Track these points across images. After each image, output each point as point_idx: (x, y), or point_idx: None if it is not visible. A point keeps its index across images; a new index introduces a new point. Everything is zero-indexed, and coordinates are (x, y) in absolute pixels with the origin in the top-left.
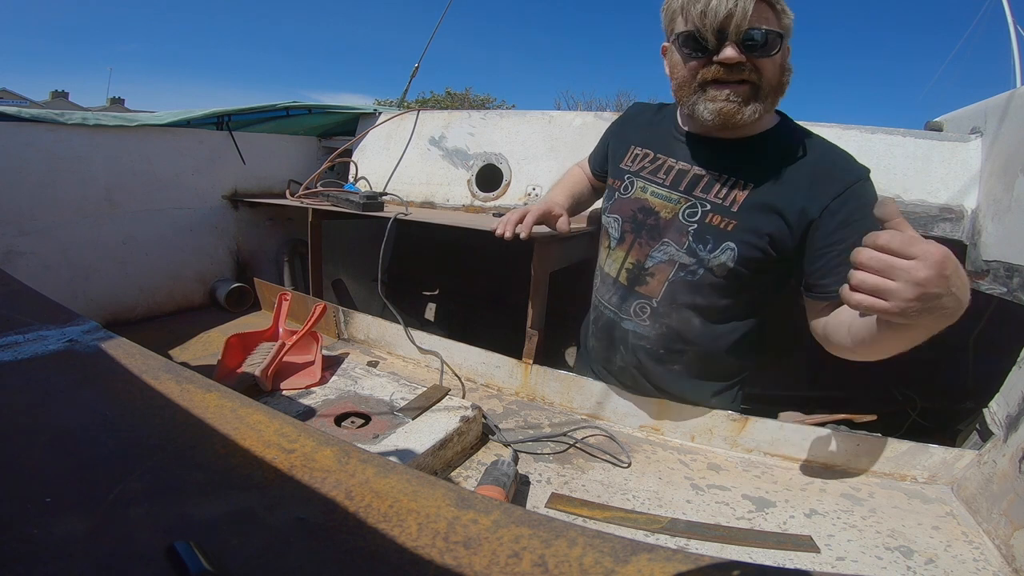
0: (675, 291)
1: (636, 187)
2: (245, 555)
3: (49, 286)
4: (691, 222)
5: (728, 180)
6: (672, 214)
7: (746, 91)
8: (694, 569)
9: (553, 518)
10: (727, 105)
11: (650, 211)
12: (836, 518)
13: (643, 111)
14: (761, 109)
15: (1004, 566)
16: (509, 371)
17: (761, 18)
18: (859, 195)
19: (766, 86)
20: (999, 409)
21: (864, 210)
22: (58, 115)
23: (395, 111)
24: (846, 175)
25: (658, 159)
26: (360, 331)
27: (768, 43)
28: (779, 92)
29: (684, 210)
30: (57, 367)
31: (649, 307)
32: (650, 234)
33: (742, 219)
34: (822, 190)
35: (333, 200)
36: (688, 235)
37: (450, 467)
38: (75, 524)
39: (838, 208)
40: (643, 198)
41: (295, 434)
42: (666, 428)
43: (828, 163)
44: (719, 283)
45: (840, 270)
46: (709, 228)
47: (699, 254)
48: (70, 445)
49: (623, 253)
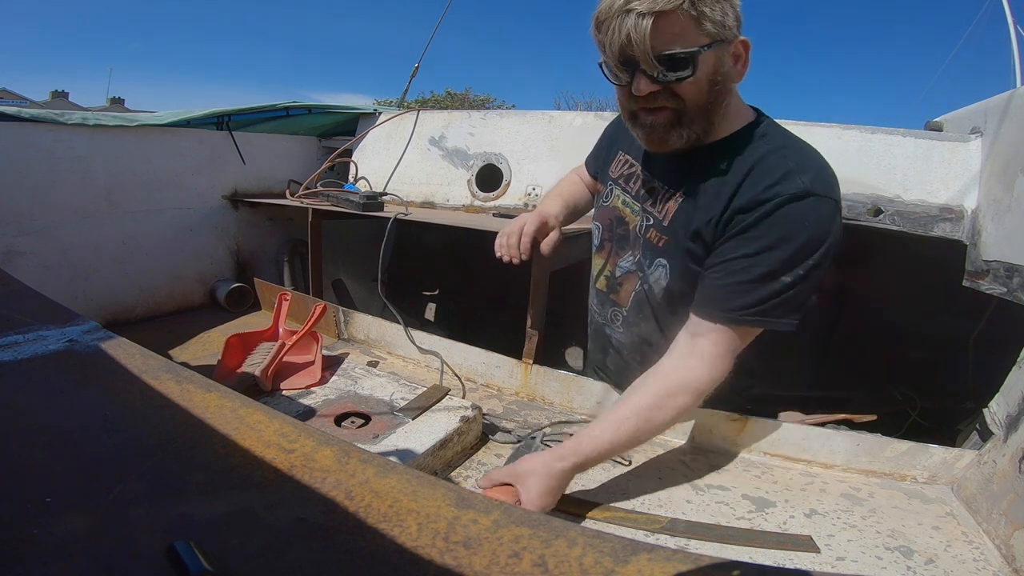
0: (639, 302)
1: (614, 195)
2: (245, 555)
3: (49, 286)
4: (642, 236)
5: (666, 192)
6: (634, 225)
7: (667, 118)
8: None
9: (553, 518)
10: (652, 133)
11: (621, 220)
12: (836, 518)
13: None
14: (690, 133)
15: (1004, 566)
16: (509, 371)
17: (669, 37)
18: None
19: (691, 109)
20: (999, 409)
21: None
22: (58, 115)
23: (395, 111)
24: (775, 183)
25: (633, 166)
26: (360, 331)
27: (681, 66)
28: (713, 107)
29: (640, 222)
30: (57, 367)
31: (621, 315)
32: (619, 244)
33: (671, 234)
34: (742, 195)
35: (333, 200)
36: (639, 248)
37: (450, 467)
38: (75, 524)
39: (739, 222)
40: (617, 207)
41: (295, 434)
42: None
43: (765, 167)
44: (659, 301)
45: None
46: (648, 244)
47: (644, 269)
48: (70, 445)
49: (602, 261)
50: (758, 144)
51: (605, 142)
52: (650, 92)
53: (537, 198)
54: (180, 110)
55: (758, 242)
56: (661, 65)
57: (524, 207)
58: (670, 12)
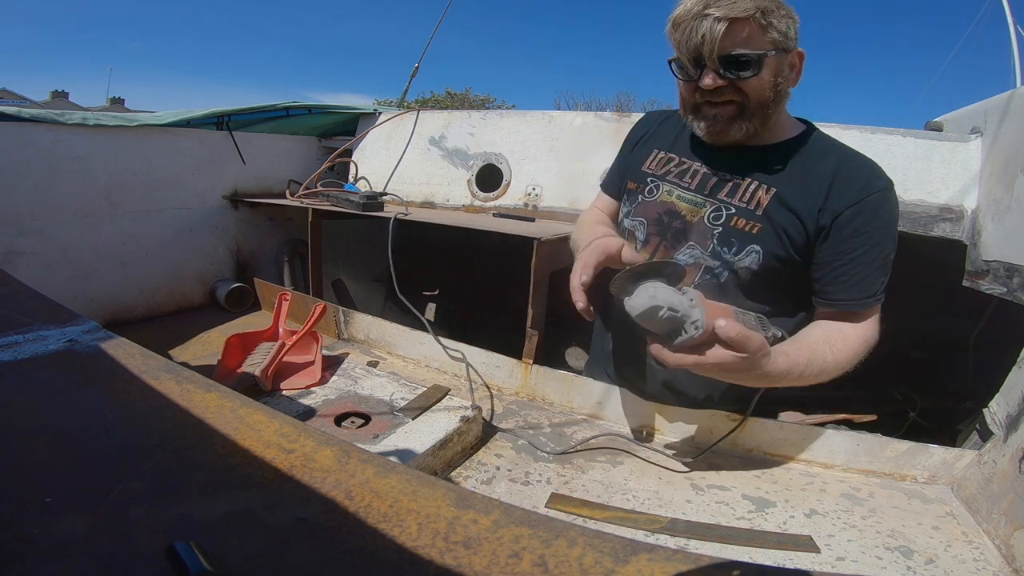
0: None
1: (661, 190)
2: (245, 555)
3: (49, 286)
4: (716, 225)
5: (751, 184)
6: (697, 217)
7: (731, 111)
8: (694, 569)
9: (553, 518)
10: (713, 125)
11: (676, 214)
12: (836, 518)
13: (660, 118)
14: (749, 127)
15: (1004, 566)
16: (509, 371)
17: (738, 40)
18: (875, 207)
19: (752, 104)
20: (999, 409)
21: (876, 222)
22: (58, 115)
23: (395, 111)
24: (864, 185)
25: (683, 163)
26: (360, 331)
27: (747, 66)
28: (770, 107)
29: (709, 213)
30: (57, 367)
31: None
32: (675, 237)
33: (765, 222)
34: (838, 198)
35: (333, 200)
36: (713, 238)
37: (450, 467)
38: (75, 524)
39: (850, 218)
40: (669, 201)
41: (295, 434)
42: (666, 428)
43: (848, 171)
44: (744, 285)
45: (844, 279)
46: (734, 231)
47: (724, 257)
48: (70, 445)
49: (648, 256)
50: (827, 144)
51: (627, 149)
52: (717, 87)
53: (537, 198)
54: (180, 110)
55: (877, 233)
56: (730, 63)
57: (524, 207)
58: (743, 19)
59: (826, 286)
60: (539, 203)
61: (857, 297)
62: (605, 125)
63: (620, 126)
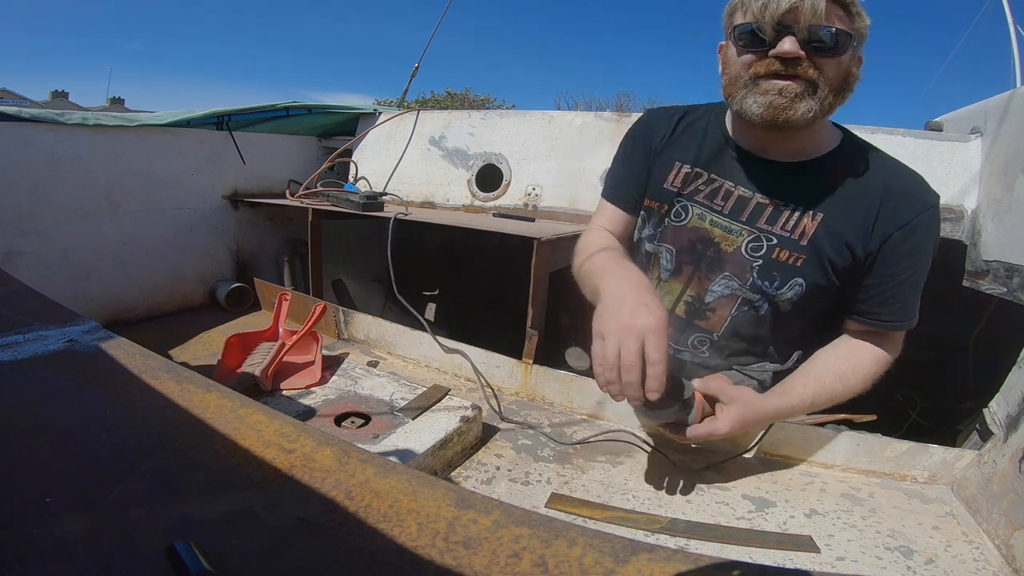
0: (737, 325)
1: (692, 214)
2: (245, 555)
3: (49, 286)
4: (755, 257)
5: (795, 210)
6: (734, 247)
7: (801, 85)
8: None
9: (553, 518)
10: (778, 99)
11: (709, 241)
12: (836, 518)
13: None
14: (816, 109)
15: (1004, 566)
16: (509, 371)
17: (831, 16)
18: (925, 225)
19: (825, 84)
20: (999, 409)
21: (927, 242)
22: (58, 115)
23: (395, 111)
24: (915, 203)
25: (713, 180)
26: (360, 331)
27: (835, 44)
28: (840, 96)
29: (747, 243)
30: (57, 367)
31: (709, 340)
32: (709, 267)
33: (811, 253)
34: (888, 220)
35: (333, 200)
36: (752, 271)
37: (450, 467)
38: (75, 524)
39: (902, 239)
40: (702, 227)
41: (295, 434)
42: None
43: (897, 189)
44: (783, 315)
45: (894, 302)
46: (776, 264)
47: (765, 290)
48: (70, 445)
49: (680, 286)
50: (870, 155)
51: (639, 154)
52: (797, 56)
53: (537, 198)
54: (180, 110)
55: (926, 254)
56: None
57: (524, 207)
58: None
59: (874, 307)
60: (539, 203)
61: (902, 318)
62: (605, 125)
63: (620, 126)
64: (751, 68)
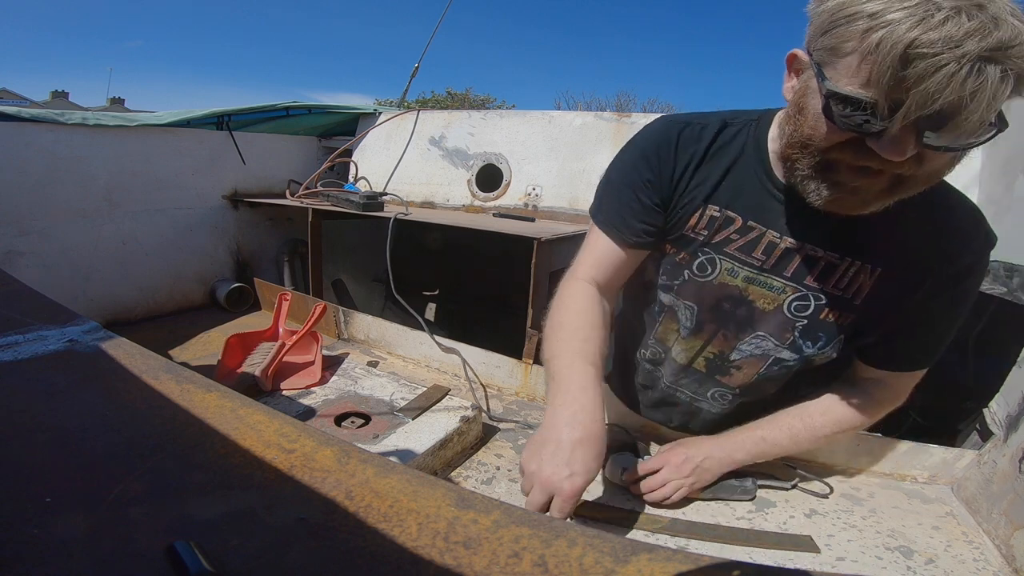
0: (764, 382)
1: (720, 268)
2: (245, 555)
3: (49, 286)
4: (800, 317)
5: (851, 264)
6: (774, 305)
7: (885, 183)
8: (694, 569)
9: (553, 518)
10: (852, 196)
11: (741, 300)
12: (836, 518)
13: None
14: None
15: (1004, 566)
16: (509, 371)
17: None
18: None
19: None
20: (999, 409)
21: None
22: (58, 115)
23: (395, 111)
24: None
25: (750, 229)
26: (360, 331)
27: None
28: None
29: (791, 302)
30: (57, 367)
31: (731, 395)
32: (739, 327)
33: (863, 312)
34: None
35: (333, 200)
36: (794, 331)
37: (450, 467)
38: (75, 524)
39: (946, 281)
40: (732, 284)
41: (295, 434)
42: (666, 428)
43: (954, 231)
44: (813, 371)
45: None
46: (822, 324)
47: (805, 351)
48: (70, 445)
49: (700, 343)
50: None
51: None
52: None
53: (537, 198)
54: (180, 110)
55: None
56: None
57: (524, 207)
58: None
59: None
60: (539, 203)
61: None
62: (605, 125)
63: (620, 126)
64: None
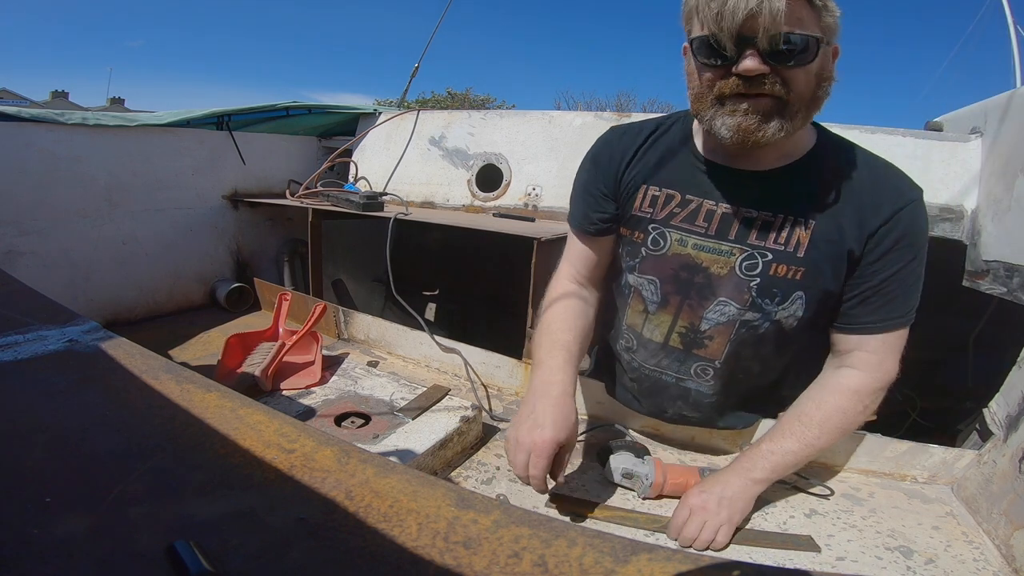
0: (739, 349)
1: (671, 240)
2: (245, 555)
3: (49, 286)
4: (752, 276)
5: (786, 220)
6: (726, 268)
7: (768, 105)
8: (694, 569)
9: (553, 518)
10: (746, 120)
11: (696, 268)
12: (836, 518)
13: (633, 141)
14: (788, 127)
15: (1004, 566)
16: (509, 371)
17: (794, 19)
18: (908, 220)
19: (796, 100)
20: (999, 409)
21: (909, 237)
22: (58, 115)
23: (395, 111)
24: (895, 199)
25: (688, 201)
26: (360, 331)
27: (802, 50)
28: (813, 107)
29: (740, 262)
30: (57, 367)
31: (712, 368)
32: (700, 293)
33: (809, 264)
34: (872, 215)
35: (333, 200)
36: (751, 291)
37: (450, 467)
38: (75, 524)
39: (885, 234)
40: (684, 253)
41: (295, 434)
42: (666, 428)
43: (878, 186)
44: (786, 333)
45: (875, 301)
46: (775, 280)
47: (765, 308)
48: (70, 445)
49: (669, 317)
50: (848, 152)
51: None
52: (760, 73)
53: (537, 198)
54: (180, 110)
55: (911, 249)
56: (782, 46)
57: (524, 207)
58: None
59: (853, 308)
60: (539, 203)
61: (891, 318)
62: (605, 125)
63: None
64: (715, 87)
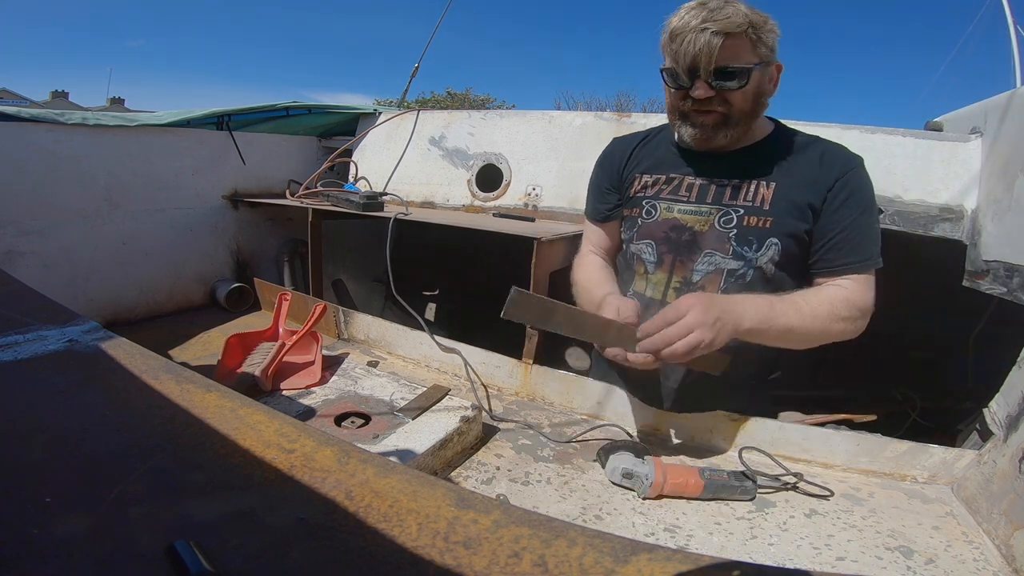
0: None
1: (660, 209)
2: (245, 555)
3: (49, 286)
4: (729, 228)
5: (751, 183)
6: (707, 226)
7: (716, 119)
8: (694, 569)
9: (553, 518)
10: (700, 132)
11: (683, 228)
12: (836, 518)
13: (631, 144)
14: (733, 134)
15: (1004, 566)
16: (509, 371)
17: (731, 55)
18: (855, 179)
19: (736, 114)
20: (999, 409)
21: (860, 192)
22: (58, 115)
23: (395, 111)
24: (846, 161)
25: (673, 178)
26: (360, 331)
27: (737, 78)
28: (753, 116)
29: (719, 219)
30: (57, 367)
31: None
32: (689, 249)
33: (776, 214)
34: (825, 176)
35: (333, 200)
36: (730, 240)
37: (450, 467)
38: (75, 524)
39: (839, 189)
40: (672, 217)
41: (295, 434)
42: (666, 428)
43: (827, 155)
44: (771, 280)
45: (843, 246)
46: (749, 230)
47: (746, 255)
48: (70, 445)
49: (665, 274)
50: (801, 135)
51: (605, 180)
52: (706, 97)
53: (537, 198)
54: (180, 110)
55: (861, 202)
56: (721, 76)
57: (524, 207)
58: (737, 34)
59: (826, 253)
60: (539, 203)
61: (858, 259)
62: (605, 125)
63: (620, 126)
64: (679, 105)
